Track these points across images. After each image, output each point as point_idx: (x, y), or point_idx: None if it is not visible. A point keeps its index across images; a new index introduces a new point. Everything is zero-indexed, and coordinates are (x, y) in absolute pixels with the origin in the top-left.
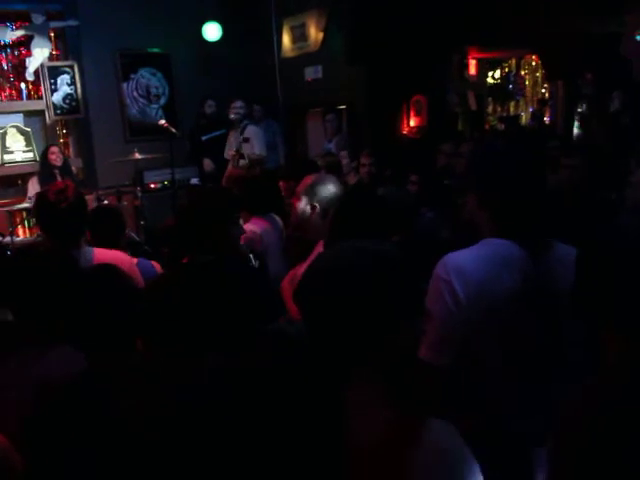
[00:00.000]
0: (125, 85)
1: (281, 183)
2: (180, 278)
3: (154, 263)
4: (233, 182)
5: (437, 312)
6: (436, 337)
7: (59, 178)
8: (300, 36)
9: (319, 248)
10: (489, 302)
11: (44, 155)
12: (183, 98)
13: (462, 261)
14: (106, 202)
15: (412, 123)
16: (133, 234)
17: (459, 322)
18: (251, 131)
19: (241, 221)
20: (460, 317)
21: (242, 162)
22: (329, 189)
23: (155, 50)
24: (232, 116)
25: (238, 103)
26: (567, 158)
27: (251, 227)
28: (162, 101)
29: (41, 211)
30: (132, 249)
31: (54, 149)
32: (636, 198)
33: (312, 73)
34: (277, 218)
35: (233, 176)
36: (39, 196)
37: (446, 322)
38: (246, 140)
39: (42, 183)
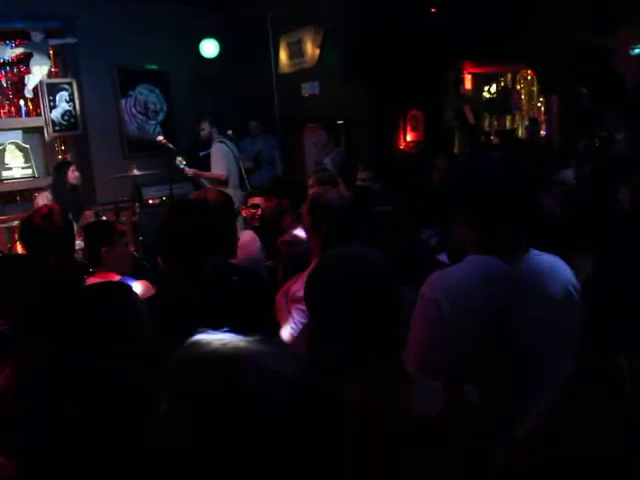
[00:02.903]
0: (123, 102)
1: (264, 201)
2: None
3: (141, 282)
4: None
5: (423, 329)
6: (419, 354)
7: (70, 197)
8: (297, 52)
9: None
10: (477, 317)
11: (62, 171)
12: (181, 114)
13: (448, 279)
14: (104, 218)
15: (409, 138)
16: (132, 250)
17: (446, 340)
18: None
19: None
20: (446, 334)
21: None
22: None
23: (153, 67)
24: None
25: (204, 123)
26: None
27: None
28: (160, 117)
29: (27, 235)
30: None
31: (74, 167)
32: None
33: (309, 89)
34: None
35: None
36: (25, 220)
37: (432, 341)
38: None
39: (57, 199)
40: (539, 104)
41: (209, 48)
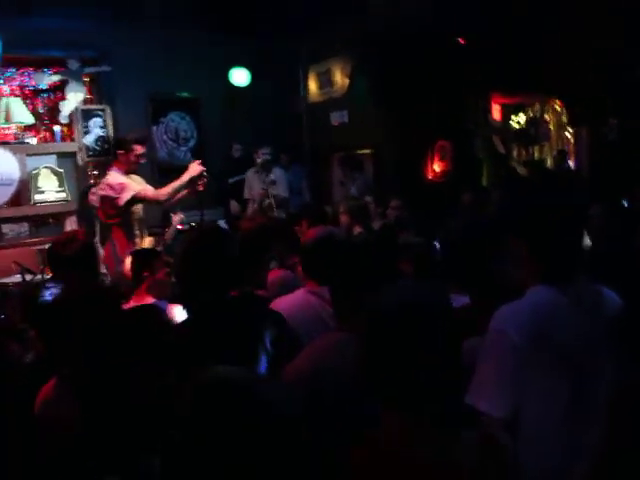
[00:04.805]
0: (155, 128)
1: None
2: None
3: (176, 306)
4: None
5: (493, 364)
6: (493, 389)
7: (95, 220)
8: (326, 82)
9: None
10: (546, 349)
11: (84, 195)
12: (211, 141)
13: (517, 311)
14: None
15: (437, 168)
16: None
17: (516, 372)
18: (277, 174)
19: None
20: (516, 366)
21: (267, 201)
22: None
23: (184, 94)
24: (259, 159)
25: (265, 149)
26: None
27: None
28: (190, 144)
29: (49, 258)
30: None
31: (95, 190)
32: None
33: (338, 117)
34: None
35: None
36: (51, 244)
37: (502, 373)
38: (272, 182)
39: (80, 223)
40: (568, 135)
41: (240, 77)
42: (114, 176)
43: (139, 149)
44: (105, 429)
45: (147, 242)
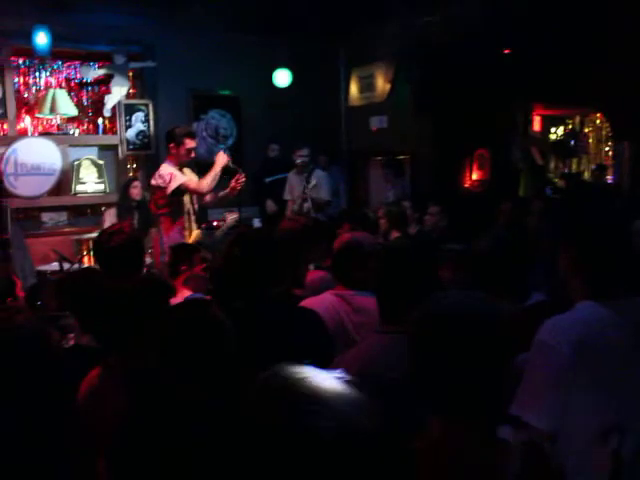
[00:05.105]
0: (195, 125)
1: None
2: None
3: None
4: None
5: (543, 377)
6: (541, 402)
7: (135, 213)
8: (367, 86)
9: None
10: (597, 364)
11: (125, 188)
12: (250, 140)
13: (567, 325)
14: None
15: (474, 176)
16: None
17: (565, 387)
18: (319, 176)
19: None
20: (565, 381)
21: (306, 205)
22: None
23: (226, 92)
24: (298, 161)
25: (304, 150)
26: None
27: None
28: (229, 142)
29: (94, 248)
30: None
31: (136, 183)
32: None
33: (377, 123)
34: None
35: None
36: (96, 238)
37: (552, 387)
38: (314, 186)
39: (119, 216)
40: (607, 149)
41: (282, 78)
42: (165, 167)
43: (189, 143)
44: (152, 424)
45: (195, 235)
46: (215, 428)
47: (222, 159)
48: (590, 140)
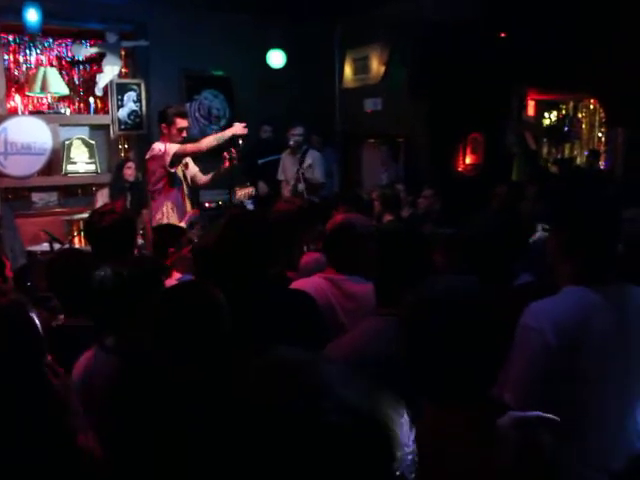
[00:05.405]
0: (188, 105)
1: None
2: None
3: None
4: None
5: (526, 361)
6: (524, 387)
7: (128, 194)
8: (362, 68)
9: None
10: (582, 349)
11: (119, 168)
12: (243, 121)
13: (552, 309)
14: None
15: (468, 160)
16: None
17: (547, 370)
18: (313, 156)
19: None
20: (549, 366)
21: (300, 186)
22: None
23: (219, 73)
24: (292, 142)
25: (298, 129)
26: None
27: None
28: (222, 123)
29: (85, 228)
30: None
31: (130, 164)
32: None
33: (372, 105)
34: None
35: None
36: (87, 218)
37: (534, 371)
38: (309, 166)
39: (112, 196)
40: (600, 134)
41: (276, 58)
42: (157, 144)
43: (181, 122)
44: (148, 405)
45: (192, 213)
46: (211, 409)
47: (237, 128)
48: (583, 125)
